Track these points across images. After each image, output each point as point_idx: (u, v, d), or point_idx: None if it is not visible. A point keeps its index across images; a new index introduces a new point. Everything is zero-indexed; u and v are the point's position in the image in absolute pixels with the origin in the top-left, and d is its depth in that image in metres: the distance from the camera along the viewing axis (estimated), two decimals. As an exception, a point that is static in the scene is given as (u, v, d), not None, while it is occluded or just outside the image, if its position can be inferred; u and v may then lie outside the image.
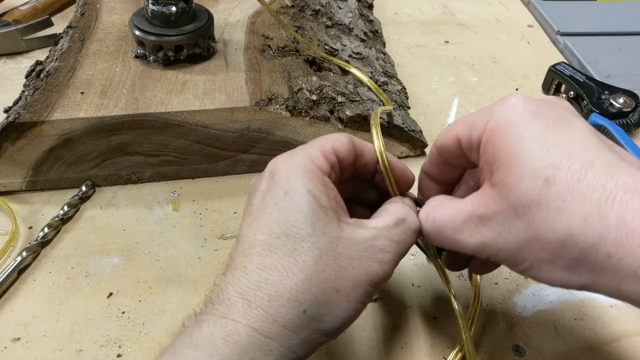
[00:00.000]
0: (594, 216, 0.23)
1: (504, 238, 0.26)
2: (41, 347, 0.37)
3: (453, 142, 0.31)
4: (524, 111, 0.27)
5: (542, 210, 0.24)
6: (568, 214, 0.24)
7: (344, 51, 0.59)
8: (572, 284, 0.25)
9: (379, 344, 0.38)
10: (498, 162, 0.27)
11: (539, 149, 0.25)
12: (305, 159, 0.29)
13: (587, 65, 0.66)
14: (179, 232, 0.46)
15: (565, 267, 0.25)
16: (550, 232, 0.24)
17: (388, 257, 0.29)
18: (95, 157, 0.48)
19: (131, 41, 0.54)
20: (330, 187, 0.30)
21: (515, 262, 0.27)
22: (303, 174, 0.29)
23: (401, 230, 0.30)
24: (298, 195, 0.28)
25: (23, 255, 0.42)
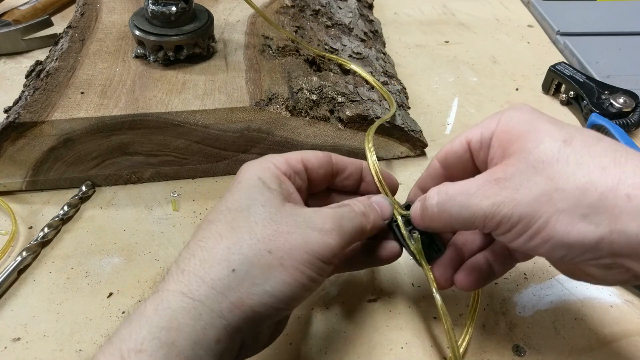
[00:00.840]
0: (611, 166, 0.25)
1: (521, 193, 0.27)
2: (41, 347, 0.37)
3: (461, 146, 0.32)
4: (532, 108, 0.30)
5: (562, 164, 0.26)
6: (587, 165, 0.26)
7: (344, 51, 0.59)
8: (589, 236, 0.25)
9: (379, 344, 0.38)
10: (514, 138, 0.28)
11: (555, 126, 0.28)
12: (267, 161, 0.32)
13: (587, 65, 0.66)
14: (179, 232, 0.46)
15: (583, 216, 0.25)
16: (571, 181, 0.26)
17: (328, 226, 0.29)
18: (95, 157, 0.48)
19: (131, 41, 0.54)
20: (285, 181, 0.31)
21: (530, 219, 0.26)
22: (258, 168, 0.31)
23: (345, 209, 0.31)
24: (248, 181, 0.31)
25: (23, 255, 0.42)
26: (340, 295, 0.41)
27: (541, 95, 0.64)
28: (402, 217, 0.34)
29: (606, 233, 0.25)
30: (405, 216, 0.34)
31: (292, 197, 0.31)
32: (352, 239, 0.31)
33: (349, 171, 0.36)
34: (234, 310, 0.26)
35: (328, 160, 0.35)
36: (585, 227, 0.25)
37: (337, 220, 0.30)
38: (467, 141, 0.32)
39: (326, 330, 0.39)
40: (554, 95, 0.63)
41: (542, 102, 0.63)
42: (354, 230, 0.31)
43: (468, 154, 0.32)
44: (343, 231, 0.30)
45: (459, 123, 0.59)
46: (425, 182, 0.36)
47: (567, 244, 0.26)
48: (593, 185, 0.25)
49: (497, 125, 0.30)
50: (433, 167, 0.35)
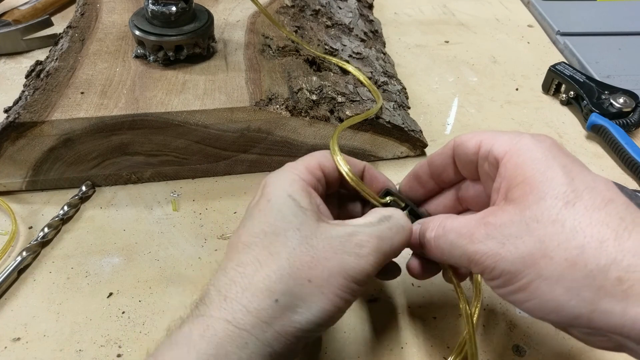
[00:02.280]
0: (610, 240, 0.23)
1: (507, 249, 0.26)
2: (41, 347, 0.37)
3: (474, 144, 0.31)
4: (553, 144, 0.28)
5: (557, 228, 0.24)
6: (584, 235, 0.24)
7: (344, 51, 0.59)
8: (568, 310, 0.24)
9: (379, 344, 0.38)
10: (519, 179, 0.27)
11: (564, 176, 0.26)
12: (291, 173, 0.31)
13: (587, 65, 0.66)
14: (179, 232, 0.46)
15: (567, 289, 0.24)
16: (562, 250, 0.24)
17: (365, 251, 0.29)
18: (95, 157, 0.48)
19: (131, 41, 0.54)
20: (312, 194, 0.31)
21: (511, 278, 0.26)
22: (286, 183, 0.31)
23: (385, 226, 0.30)
24: (279, 200, 0.30)
25: (23, 255, 0.42)
26: (340, 295, 0.41)
27: (541, 95, 0.64)
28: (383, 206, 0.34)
29: (587, 311, 0.24)
30: (385, 204, 0.34)
31: (321, 211, 0.31)
32: (390, 258, 0.31)
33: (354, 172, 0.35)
34: (278, 338, 0.26)
35: None
36: (566, 301, 0.24)
37: (375, 242, 0.29)
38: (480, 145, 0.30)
39: (326, 331, 0.39)
40: (554, 95, 0.63)
41: (542, 102, 0.63)
42: (392, 250, 0.30)
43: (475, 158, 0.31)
44: (381, 253, 0.29)
45: (459, 123, 0.59)
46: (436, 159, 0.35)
47: (545, 311, 0.25)
48: (584, 260, 0.23)
49: (509, 149, 0.28)
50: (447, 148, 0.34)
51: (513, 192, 0.27)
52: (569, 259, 0.24)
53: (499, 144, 0.29)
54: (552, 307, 0.25)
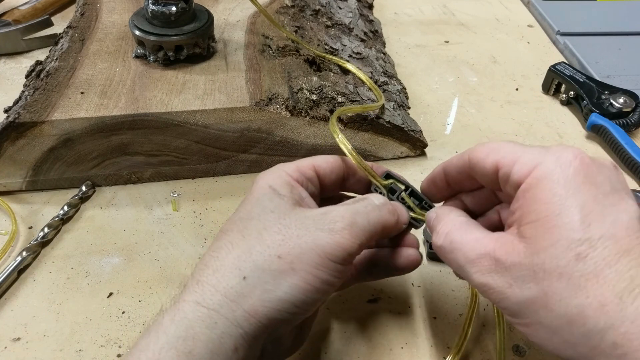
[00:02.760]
0: (613, 304, 0.23)
1: (512, 291, 0.26)
2: (41, 347, 0.37)
3: (491, 166, 0.29)
4: (577, 173, 0.26)
5: (562, 283, 0.24)
6: (587, 295, 0.23)
7: (344, 51, 0.59)
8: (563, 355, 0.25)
9: (379, 344, 0.38)
10: (534, 216, 0.26)
11: (581, 221, 0.24)
12: (278, 169, 0.32)
13: (587, 65, 0.66)
14: (179, 232, 0.46)
15: (564, 341, 0.24)
16: (563, 306, 0.24)
17: (339, 225, 0.28)
18: (95, 157, 0.48)
19: (131, 41, 0.54)
20: (295, 187, 0.31)
21: (514, 315, 0.26)
22: (270, 177, 0.31)
23: (360, 205, 0.30)
24: (259, 189, 0.31)
25: (23, 255, 0.42)
26: (340, 295, 0.41)
27: (541, 95, 0.64)
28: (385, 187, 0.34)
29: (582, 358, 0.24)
30: (387, 186, 0.34)
31: (304, 202, 0.31)
32: (371, 235, 0.30)
33: (359, 175, 0.35)
34: (249, 319, 0.26)
35: (339, 164, 0.34)
36: (564, 350, 0.25)
37: (350, 218, 0.29)
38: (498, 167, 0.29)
39: (326, 330, 0.39)
40: (554, 95, 0.63)
41: (542, 102, 0.63)
42: (371, 225, 0.30)
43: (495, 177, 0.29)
44: (357, 228, 0.29)
45: (458, 123, 0.59)
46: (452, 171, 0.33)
47: (547, 349, 0.25)
48: (582, 320, 0.23)
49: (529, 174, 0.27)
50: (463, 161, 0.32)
51: (526, 228, 0.26)
52: (567, 316, 0.24)
53: (518, 168, 0.27)
54: (551, 349, 0.25)
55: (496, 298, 0.26)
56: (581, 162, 0.26)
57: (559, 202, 0.25)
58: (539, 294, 0.25)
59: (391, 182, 0.35)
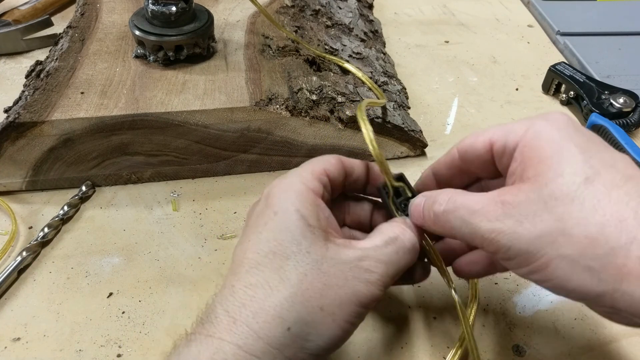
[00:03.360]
0: (630, 219, 0.23)
1: (524, 227, 0.25)
2: (41, 347, 0.37)
3: (483, 145, 0.30)
4: (568, 124, 0.27)
5: (576, 205, 0.24)
6: (603, 213, 0.23)
7: (344, 51, 0.59)
8: (589, 289, 0.24)
9: (379, 344, 0.38)
10: (535, 160, 0.26)
11: (581, 154, 0.25)
12: (297, 181, 0.31)
13: (587, 65, 0.66)
14: (179, 232, 0.46)
15: (586, 268, 0.23)
16: (582, 227, 0.23)
17: (374, 277, 0.28)
18: (95, 157, 0.48)
19: (131, 41, 0.54)
20: (321, 207, 0.31)
21: (529, 258, 0.25)
22: (293, 195, 0.30)
23: (391, 249, 0.30)
24: (286, 215, 0.29)
25: (23, 255, 0.42)
26: (340, 295, 0.41)
27: (541, 95, 0.64)
28: (393, 188, 0.34)
29: (609, 290, 0.23)
30: (397, 187, 0.34)
31: (330, 225, 0.31)
32: (396, 278, 0.30)
33: (357, 174, 0.35)
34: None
35: (342, 164, 0.34)
36: (588, 280, 0.24)
37: (384, 269, 0.29)
38: (491, 142, 0.30)
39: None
40: (554, 95, 0.63)
41: (542, 102, 0.63)
42: (398, 272, 0.30)
43: (489, 155, 0.30)
44: (388, 278, 0.29)
45: (459, 123, 0.59)
46: (440, 169, 0.34)
47: (567, 289, 0.25)
48: (604, 238, 0.23)
49: (524, 135, 0.28)
50: (451, 156, 0.33)
51: (529, 171, 0.26)
52: (589, 236, 0.23)
53: (512, 134, 0.28)
54: (573, 287, 0.24)
55: (507, 242, 0.25)
56: (568, 118, 0.28)
57: (557, 143, 0.26)
58: (554, 222, 0.24)
59: (401, 185, 0.34)
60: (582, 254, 0.23)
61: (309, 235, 0.28)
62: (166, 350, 0.28)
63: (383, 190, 0.34)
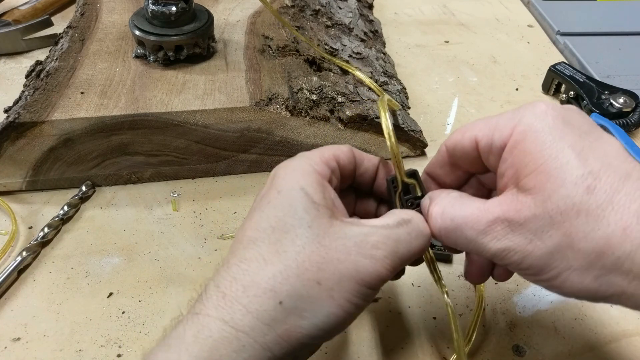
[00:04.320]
0: (633, 225, 0.23)
1: (534, 245, 0.25)
2: (41, 347, 0.37)
3: (470, 143, 0.30)
4: (555, 119, 0.27)
5: (582, 219, 0.24)
6: (607, 223, 0.24)
7: (344, 51, 0.59)
8: (600, 294, 0.24)
9: (379, 344, 0.38)
10: (530, 167, 0.26)
11: (577, 158, 0.25)
12: (304, 162, 0.29)
13: (587, 65, 0.66)
14: (179, 232, 0.46)
15: (596, 277, 0.24)
16: (588, 241, 0.24)
17: (380, 253, 0.27)
18: (95, 157, 0.48)
19: (131, 41, 0.54)
20: (327, 188, 0.29)
21: (540, 271, 0.25)
22: (298, 174, 0.28)
23: (404, 230, 0.28)
24: (290, 192, 0.28)
25: (23, 255, 0.42)
26: (340, 295, 0.41)
27: (541, 95, 0.64)
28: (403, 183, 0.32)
29: (617, 292, 0.24)
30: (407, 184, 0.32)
31: (336, 207, 0.29)
32: (406, 263, 0.29)
33: (365, 166, 0.33)
34: (280, 343, 0.25)
35: (352, 154, 0.32)
36: (597, 287, 0.24)
37: (392, 246, 0.27)
38: (476, 140, 0.29)
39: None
40: (554, 95, 0.63)
41: (542, 102, 0.63)
42: (411, 254, 0.28)
43: (476, 152, 0.30)
44: (397, 257, 0.27)
45: (459, 123, 0.59)
46: (434, 169, 0.34)
47: (577, 295, 0.25)
48: (610, 249, 0.24)
49: (511, 134, 0.27)
50: (440, 154, 0.33)
51: (526, 181, 0.26)
52: (596, 249, 0.24)
53: (498, 133, 0.28)
54: (585, 293, 0.25)
55: (518, 259, 0.26)
56: (554, 109, 0.27)
57: (550, 147, 0.26)
58: (562, 237, 0.24)
59: (412, 182, 0.32)
60: (591, 265, 0.24)
61: (312, 211, 0.27)
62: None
63: (391, 184, 0.33)
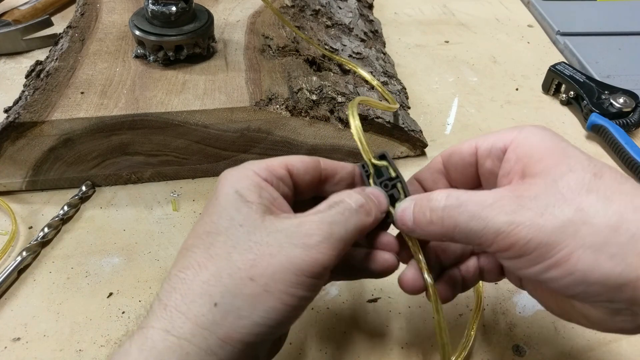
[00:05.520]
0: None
1: (545, 218, 0.24)
2: (41, 347, 0.37)
3: (468, 148, 0.30)
4: (553, 134, 0.28)
5: (593, 196, 0.24)
6: (619, 202, 0.24)
7: (344, 51, 0.59)
8: (614, 278, 0.23)
9: (379, 344, 0.38)
10: (538, 156, 0.27)
11: (584, 156, 0.26)
12: (245, 168, 0.29)
13: (587, 65, 0.66)
14: (179, 232, 0.46)
15: (612, 255, 0.23)
16: (602, 216, 0.24)
17: (315, 240, 0.26)
18: (95, 157, 0.48)
19: (131, 41, 0.54)
20: (265, 188, 0.29)
21: (550, 248, 0.24)
22: (235, 179, 0.29)
23: (335, 211, 0.28)
24: (225, 197, 0.28)
25: (23, 255, 0.42)
26: (340, 295, 0.41)
27: (541, 95, 0.64)
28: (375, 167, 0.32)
29: (632, 278, 0.23)
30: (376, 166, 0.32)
31: (275, 204, 0.29)
32: (349, 243, 0.28)
33: (340, 176, 0.32)
34: (224, 346, 0.24)
35: (315, 165, 0.31)
36: (613, 268, 0.23)
37: (326, 229, 0.27)
38: (476, 146, 0.30)
39: (326, 330, 0.39)
40: (554, 95, 0.63)
41: (542, 102, 0.63)
42: (348, 233, 0.28)
43: (473, 159, 0.30)
44: (334, 240, 0.27)
45: (459, 123, 0.59)
46: (424, 174, 0.33)
47: (589, 281, 0.24)
48: (625, 225, 0.23)
49: (514, 138, 0.28)
50: (435, 163, 0.33)
51: (534, 167, 0.26)
52: (610, 225, 0.23)
53: (500, 138, 0.29)
54: (596, 278, 0.24)
55: (527, 234, 0.24)
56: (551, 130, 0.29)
57: (556, 144, 0.27)
58: (575, 212, 0.24)
59: (383, 164, 0.32)
60: (606, 242, 0.23)
61: (244, 210, 0.27)
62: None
63: (362, 169, 0.32)
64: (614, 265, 0.23)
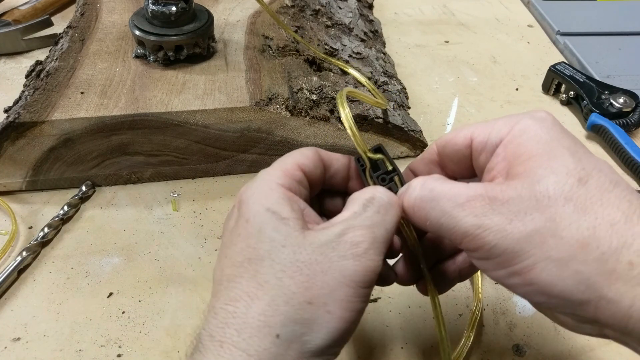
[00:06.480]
0: (621, 223, 0.22)
1: (514, 225, 0.23)
2: (41, 347, 0.37)
3: (463, 140, 0.29)
4: (554, 124, 0.26)
5: (569, 207, 0.23)
6: (595, 216, 0.23)
7: (344, 51, 0.59)
8: (576, 295, 0.22)
9: (379, 344, 0.38)
10: (524, 157, 0.25)
11: (572, 156, 0.25)
12: (266, 181, 0.28)
13: (587, 65, 0.66)
14: (179, 232, 0.46)
15: (576, 272, 0.22)
16: (574, 230, 0.23)
17: (362, 248, 0.25)
18: (95, 157, 0.48)
19: (131, 41, 0.54)
20: (293, 199, 0.28)
21: (514, 258, 0.23)
22: (262, 196, 0.27)
23: (372, 211, 0.27)
24: (257, 217, 0.26)
25: (23, 255, 0.42)
26: (340, 295, 0.41)
27: (541, 95, 0.64)
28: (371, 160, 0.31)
29: (595, 298, 0.22)
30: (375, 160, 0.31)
31: (306, 215, 0.28)
32: (389, 242, 0.27)
33: (335, 167, 0.32)
34: None
35: (318, 157, 0.31)
36: (575, 285, 0.22)
37: (370, 234, 0.26)
38: (471, 137, 0.28)
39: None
40: (554, 95, 0.63)
41: (542, 102, 0.63)
42: (389, 232, 0.27)
43: (468, 151, 0.29)
44: (379, 243, 0.26)
45: (459, 123, 0.59)
46: (418, 165, 0.32)
47: (550, 294, 0.23)
48: (595, 242, 0.22)
49: (509, 132, 0.27)
50: (429, 152, 0.32)
51: (517, 168, 0.25)
52: (580, 240, 0.22)
53: (496, 131, 0.27)
54: (557, 292, 0.23)
55: (493, 239, 0.24)
56: (554, 118, 0.27)
57: (546, 143, 0.25)
58: (545, 222, 0.23)
59: (380, 157, 0.31)
60: (572, 258, 0.22)
61: (282, 229, 0.26)
62: (166, 350, 0.28)
63: (358, 163, 0.32)
64: (576, 282, 0.22)
